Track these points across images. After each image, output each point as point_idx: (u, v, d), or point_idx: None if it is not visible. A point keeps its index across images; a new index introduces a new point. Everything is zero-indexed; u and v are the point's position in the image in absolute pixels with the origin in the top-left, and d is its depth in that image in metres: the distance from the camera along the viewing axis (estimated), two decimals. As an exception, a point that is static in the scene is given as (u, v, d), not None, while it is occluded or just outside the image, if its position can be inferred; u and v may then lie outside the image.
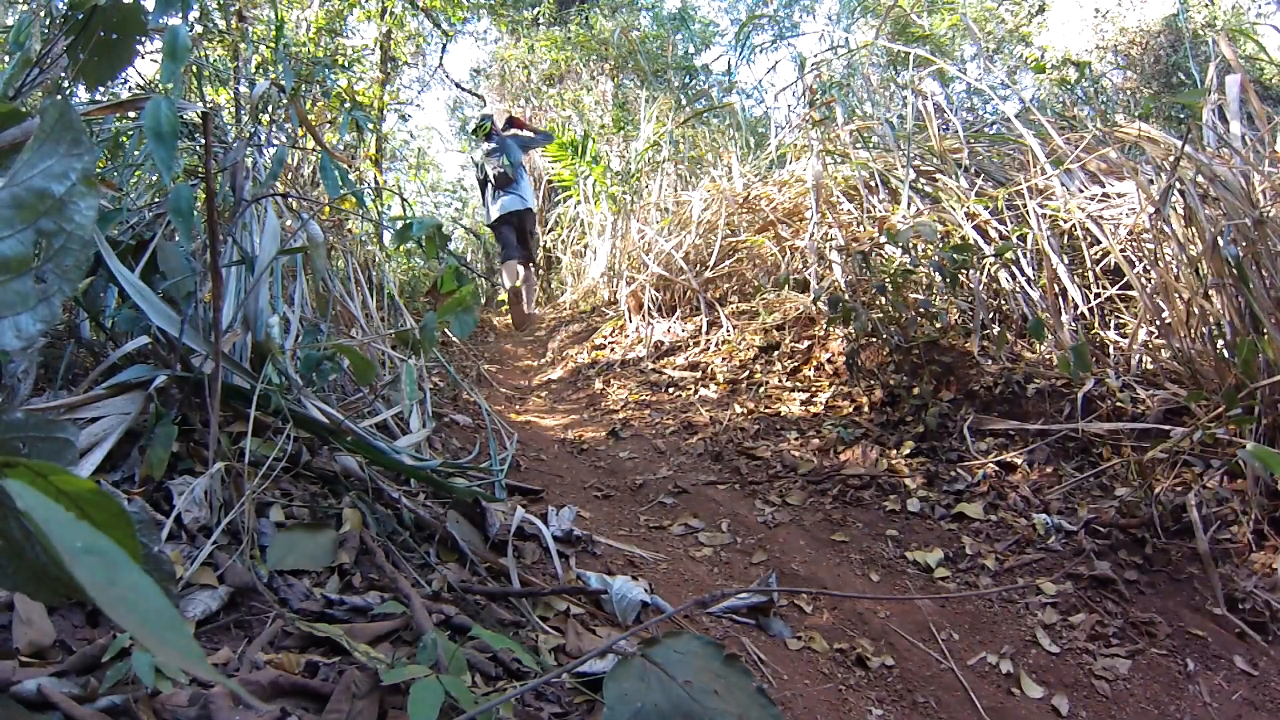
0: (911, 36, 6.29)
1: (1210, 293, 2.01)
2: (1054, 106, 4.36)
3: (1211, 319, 2.03)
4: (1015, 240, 2.61)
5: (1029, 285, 2.60)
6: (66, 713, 0.66)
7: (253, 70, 3.94)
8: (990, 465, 2.05)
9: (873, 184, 3.23)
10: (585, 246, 6.03)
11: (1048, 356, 2.41)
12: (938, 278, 2.68)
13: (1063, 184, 2.70)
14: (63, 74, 1.35)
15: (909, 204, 2.95)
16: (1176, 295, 2.14)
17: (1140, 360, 2.26)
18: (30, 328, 0.46)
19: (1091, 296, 2.54)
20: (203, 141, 1.59)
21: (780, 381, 2.92)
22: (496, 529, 1.44)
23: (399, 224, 1.44)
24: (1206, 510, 1.69)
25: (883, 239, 2.86)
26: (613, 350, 3.88)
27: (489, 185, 4.69)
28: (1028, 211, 2.60)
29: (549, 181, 7.58)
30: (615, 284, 4.59)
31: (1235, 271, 1.87)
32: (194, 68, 2.57)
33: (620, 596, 1.30)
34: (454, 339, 3.77)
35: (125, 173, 1.78)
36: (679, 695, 0.69)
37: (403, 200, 3.69)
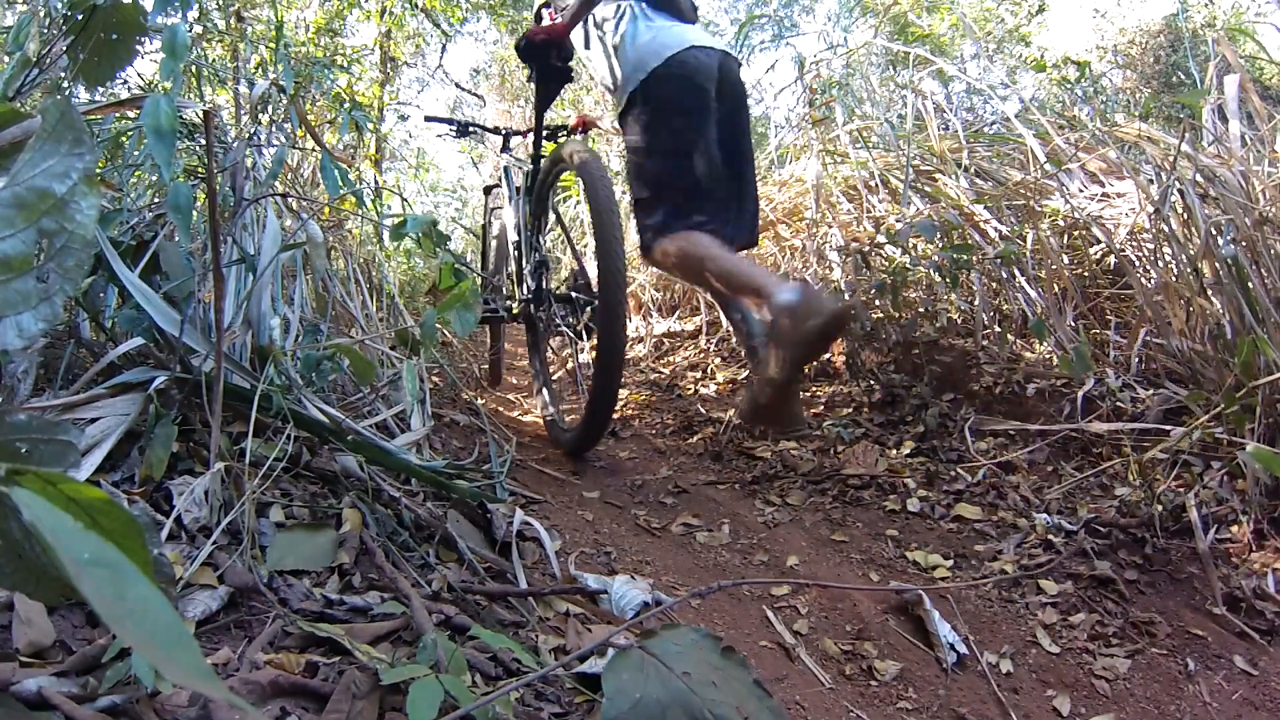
0: (911, 36, 6.29)
1: (1210, 292, 2.01)
2: (1054, 106, 4.36)
3: (1211, 319, 2.03)
4: (1015, 240, 2.61)
5: (1029, 285, 2.60)
6: (66, 713, 0.66)
7: (252, 70, 3.94)
8: (990, 465, 2.05)
9: (873, 184, 3.23)
10: (585, 246, 6.03)
11: (1047, 356, 2.41)
12: (937, 277, 2.68)
13: (1063, 184, 2.70)
14: (62, 74, 1.35)
15: (909, 204, 2.95)
16: (1176, 295, 2.14)
17: (1140, 360, 2.26)
18: (32, 327, 0.46)
19: (1091, 296, 2.55)
20: (202, 141, 1.59)
21: (780, 381, 2.92)
22: (504, 531, 1.44)
23: (393, 219, 1.45)
24: (1206, 510, 1.69)
25: (882, 239, 2.86)
26: (612, 350, 3.87)
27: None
28: (1028, 211, 2.60)
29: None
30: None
31: (1234, 271, 1.87)
32: (193, 67, 2.57)
33: (620, 596, 1.30)
34: (454, 339, 3.77)
35: (125, 173, 1.77)
36: (678, 687, 0.69)
37: (403, 200, 3.69)
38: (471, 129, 2.93)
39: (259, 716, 0.71)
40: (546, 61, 2.22)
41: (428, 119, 2.97)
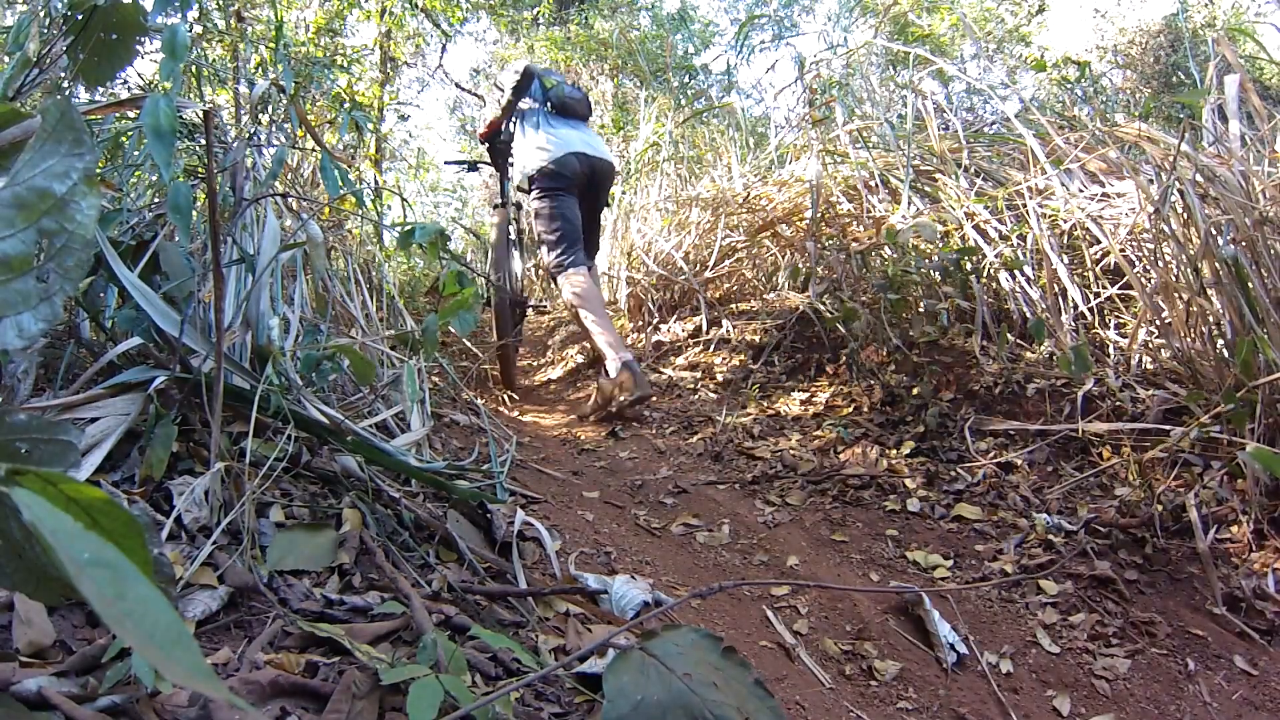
0: (911, 36, 6.29)
1: (1209, 292, 2.01)
2: (1054, 106, 4.36)
3: (1211, 319, 2.03)
4: (1015, 240, 2.61)
5: (1029, 285, 2.60)
6: (66, 713, 0.66)
7: (252, 70, 3.94)
8: (990, 465, 2.05)
9: (873, 184, 3.23)
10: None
11: (1047, 356, 2.41)
12: (937, 277, 2.68)
13: (1063, 184, 2.70)
14: (62, 74, 1.35)
15: (909, 204, 2.95)
16: (1176, 295, 2.14)
17: (1140, 360, 2.26)
18: (32, 327, 0.46)
19: (1091, 296, 2.54)
20: (202, 141, 1.59)
21: (780, 381, 2.92)
22: (504, 531, 1.44)
23: (400, 229, 1.44)
24: (1206, 510, 1.69)
25: (882, 239, 2.85)
26: (612, 350, 3.87)
27: None
28: (1027, 211, 2.60)
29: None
30: (615, 284, 4.59)
31: (1233, 271, 1.87)
32: (193, 67, 2.57)
33: (620, 595, 1.30)
34: (453, 339, 3.78)
35: (125, 173, 1.77)
36: (679, 688, 0.69)
37: (403, 200, 3.70)
38: (480, 167, 3.95)
39: (259, 716, 0.71)
40: (493, 145, 3.55)
41: (447, 163, 4.26)
